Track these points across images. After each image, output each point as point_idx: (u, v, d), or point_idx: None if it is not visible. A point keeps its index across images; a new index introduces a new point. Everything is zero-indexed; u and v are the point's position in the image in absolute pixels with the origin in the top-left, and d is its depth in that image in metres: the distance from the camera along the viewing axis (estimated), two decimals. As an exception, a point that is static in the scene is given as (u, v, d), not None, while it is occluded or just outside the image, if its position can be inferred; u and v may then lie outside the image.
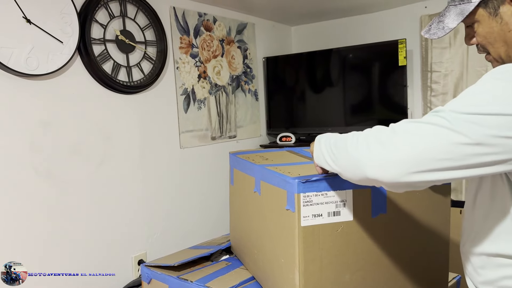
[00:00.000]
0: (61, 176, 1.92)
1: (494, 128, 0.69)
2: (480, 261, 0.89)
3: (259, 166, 1.39)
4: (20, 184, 1.78)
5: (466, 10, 0.86)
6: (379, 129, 0.83)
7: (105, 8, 2.06)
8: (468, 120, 0.70)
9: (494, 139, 0.69)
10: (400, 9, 2.98)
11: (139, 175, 2.26)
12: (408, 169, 0.74)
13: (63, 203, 1.92)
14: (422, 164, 0.73)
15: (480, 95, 0.73)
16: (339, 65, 3.01)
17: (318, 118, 3.08)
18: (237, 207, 1.63)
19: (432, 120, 0.75)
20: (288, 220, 1.17)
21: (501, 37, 0.85)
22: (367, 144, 0.81)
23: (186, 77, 2.52)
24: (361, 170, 0.81)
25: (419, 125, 0.76)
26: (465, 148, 0.71)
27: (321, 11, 3.04)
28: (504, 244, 0.83)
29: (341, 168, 0.91)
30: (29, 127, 1.81)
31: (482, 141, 0.70)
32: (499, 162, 0.71)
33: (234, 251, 1.72)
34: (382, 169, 0.77)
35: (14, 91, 1.75)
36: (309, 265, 1.14)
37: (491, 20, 0.85)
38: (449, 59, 2.78)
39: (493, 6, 0.83)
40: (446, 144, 0.72)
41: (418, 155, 0.73)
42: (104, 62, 2.05)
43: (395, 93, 2.79)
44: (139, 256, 2.24)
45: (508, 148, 0.70)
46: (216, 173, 2.69)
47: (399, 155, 0.75)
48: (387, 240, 1.23)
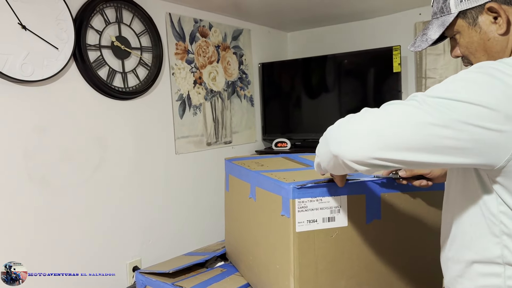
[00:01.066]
0: (56, 182, 1.91)
1: (463, 115, 0.69)
2: (457, 270, 0.86)
3: (254, 172, 1.39)
4: (14, 190, 1.77)
5: (446, 21, 0.87)
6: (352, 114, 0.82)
7: (100, 14, 2.06)
8: (438, 103, 0.70)
9: (461, 125, 0.69)
10: (394, 16, 3.00)
11: (134, 181, 2.26)
12: (371, 144, 0.72)
13: (57, 209, 1.91)
14: (389, 141, 0.72)
15: (453, 83, 0.73)
16: (335, 71, 3.02)
17: (314, 123, 3.09)
18: (233, 213, 1.63)
19: (402, 102, 0.75)
20: (283, 226, 1.17)
21: (481, 47, 0.85)
22: (338, 125, 0.82)
23: (182, 83, 2.52)
24: (328, 148, 0.81)
25: (389, 105, 0.76)
26: (431, 128, 0.70)
27: (316, 17, 3.06)
28: (479, 249, 0.81)
29: (319, 155, 0.91)
30: (23, 133, 1.80)
31: (449, 124, 0.69)
32: (465, 150, 0.70)
33: (229, 257, 1.72)
34: (345, 144, 0.76)
35: (9, 97, 1.75)
36: (304, 271, 1.14)
37: (471, 30, 0.86)
38: (443, 66, 2.80)
39: (471, 16, 0.85)
40: (412, 122, 0.71)
41: (382, 130, 0.72)
42: (99, 68, 2.05)
43: (390, 99, 2.74)
44: (134, 263, 2.23)
45: (475, 136, 0.69)
46: (212, 179, 2.68)
47: (362, 129, 0.74)
48: (382, 246, 1.23)
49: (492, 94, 0.69)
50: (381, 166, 0.75)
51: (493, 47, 0.84)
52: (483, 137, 0.69)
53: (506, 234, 0.77)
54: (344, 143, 0.76)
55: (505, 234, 0.77)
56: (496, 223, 0.78)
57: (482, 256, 0.81)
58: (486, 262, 0.80)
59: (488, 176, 0.77)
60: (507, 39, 0.82)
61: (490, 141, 0.69)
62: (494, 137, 0.69)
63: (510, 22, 0.81)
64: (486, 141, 0.69)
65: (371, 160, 0.73)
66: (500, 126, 0.68)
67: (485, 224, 0.80)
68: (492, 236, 0.79)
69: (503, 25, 0.81)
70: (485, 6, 0.82)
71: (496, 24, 0.82)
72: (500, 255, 0.78)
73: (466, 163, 0.73)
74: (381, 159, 0.73)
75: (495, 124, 0.68)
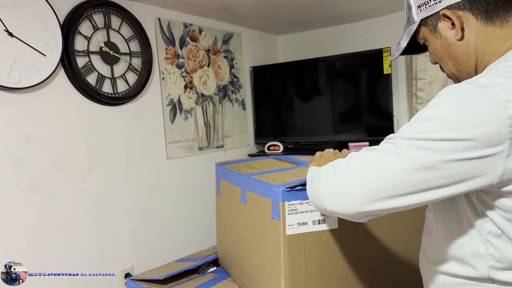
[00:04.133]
0: (45, 189, 1.89)
1: (444, 153, 0.69)
2: (442, 278, 0.85)
3: (244, 175, 1.38)
4: (3, 198, 1.74)
5: (412, 30, 0.89)
6: (339, 160, 0.84)
7: (88, 20, 2.05)
8: (417, 146, 0.71)
9: (445, 164, 0.69)
10: (384, 18, 3.02)
11: (125, 187, 2.24)
12: (363, 199, 0.75)
13: (47, 216, 1.89)
14: (376, 193, 0.74)
15: (428, 121, 0.73)
16: (326, 74, 3.02)
17: (306, 126, 3.08)
18: (224, 218, 1.62)
19: (383, 148, 0.76)
20: (273, 229, 1.16)
21: (445, 52, 0.86)
22: (326, 177, 0.83)
23: (172, 88, 2.51)
24: (322, 202, 0.83)
25: (372, 153, 0.77)
26: (416, 173, 0.71)
27: (307, 20, 3.06)
28: (469, 266, 0.79)
29: (312, 202, 0.92)
30: (12, 140, 1.78)
31: (433, 166, 0.70)
32: (452, 183, 0.71)
33: (221, 262, 1.71)
34: (338, 201, 0.78)
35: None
36: (294, 273, 1.13)
37: (433, 36, 0.87)
38: (434, 67, 2.80)
39: (432, 23, 0.86)
40: (397, 171, 0.72)
41: (371, 183, 0.74)
42: (88, 74, 2.04)
43: (381, 101, 2.81)
44: (126, 270, 2.21)
45: (459, 170, 0.70)
46: (204, 183, 2.67)
47: (352, 186, 0.76)
48: (373, 248, 1.22)
49: (466, 123, 0.69)
50: (380, 214, 0.78)
51: (455, 53, 0.84)
52: (469, 167, 0.70)
53: (491, 255, 0.77)
54: (338, 199, 0.78)
55: (490, 255, 0.77)
56: (484, 243, 0.77)
57: (476, 274, 0.80)
58: (472, 279, 0.80)
59: (478, 199, 0.77)
60: (466, 44, 0.82)
61: (477, 168, 0.70)
62: (481, 163, 0.69)
63: (463, 28, 0.81)
64: (473, 169, 0.70)
65: (368, 212, 0.76)
66: (482, 152, 0.68)
67: (472, 243, 0.79)
68: (479, 256, 0.78)
69: (458, 31, 0.82)
70: (439, 13, 0.83)
71: (454, 30, 0.83)
72: (487, 276, 0.78)
73: (456, 192, 0.73)
74: (374, 211, 0.76)
75: (477, 152, 0.69)
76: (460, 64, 0.85)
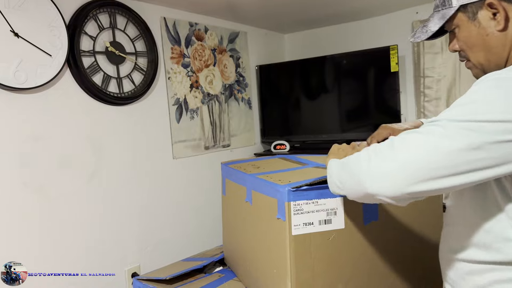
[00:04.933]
0: (52, 189, 1.89)
1: (491, 134, 0.70)
2: (467, 267, 0.87)
3: (250, 175, 1.37)
4: (9, 199, 1.75)
5: (447, 14, 0.89)
6: (380, 144, 0.83)
7: (94, 20, 2.05)
8: (464, 127, 0.72)
9: (490, 145, 0.70)
10: (392, 15, 2.99)
11: (132, 186, 2.24)
12: (409, 180, 0.74)
13: (54, 216, 1.90)
14: (421, 173, 0.73)
15: (473, 103, 0.74)
16: (333, 72, 3.00)
17: (313, 125, 3.07)
18: (230, 218, 1.61)
19: (428, 130, 0.76)
20: (279, 229, 1.15)
21: (479, 42, 0.86)
22: (367, 160, 0.82)
23: (178, 87, 2.51)
24: (362, 186, 0.82)
25: (416, 135, 0.77)
26: (462, 154, 0.71)
27: (313, 18, 3.04)
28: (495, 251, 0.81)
29: (346, 189, 0.90)
30: (18, 141, 1.79)
31: (478, 146, 0.70)
32: (495, 165, 0.72)
33: (227, 262, 1.70)
34: (381, 182, 0.77)
35: (2, 105, 1.73)
36: (301, 274, 1.12)
37: (470, 24, 0.87)
38: (442, 64, 2.78)
39: (471, 10, 0.86)
40: (443, 151, 0.72)
41: (416, 164, 0.74)
42: (94, 74, 2.04)
43: (389, 98, 2.79)
44: (133, 269, 2.21)
45: (502, 151, 0.71)
46: (210, 183, 2.66)
47: (397, 166, 0.76)
48: (380, 248, 1.21)
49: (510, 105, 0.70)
50: (422, 196, 0.78)
51: (491, 43, 0.85)
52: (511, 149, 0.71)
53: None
54: (380, 181, 0.77)
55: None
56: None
57: (497, 258, 0.81)
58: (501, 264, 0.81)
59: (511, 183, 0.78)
60: (505, 35, 0.83)
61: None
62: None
63: (508, 19, 0.82)
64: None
65: (410, 194, 0.75)
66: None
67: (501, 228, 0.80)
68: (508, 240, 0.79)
69: (501, 21, 0.82)
70: (485, 1, 0.83)
71: (495, 21, 0.83)
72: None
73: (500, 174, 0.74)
74: (419, 192, 0.75)
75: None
76: (492, 55, 0.85)
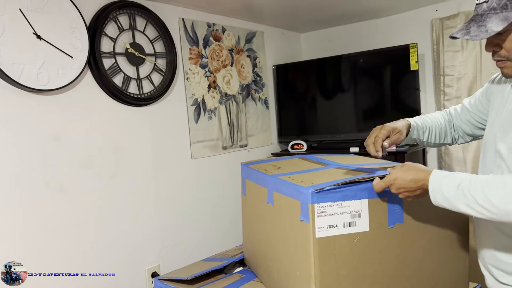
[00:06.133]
0: (73, 189, 1.91)
1: None
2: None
3: (271, 176, 1.36)
4: (32, 198, 1.78)
5: (510, 18, 0.89)
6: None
7: (114, 21, 2.07)
8: None
9: None
10: (410, 13, 2.95)
11: (151, 186, 2.25)
12: None
13: (75, 216, 1.92)
14: None
15: None
16: (350, 71, 2.98)
17: (330, 125, 3.05)
18: (250, 218, 1.61)
19: None
20: (302, 232, 1.14)
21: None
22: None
23: (196, 88, 2.52)
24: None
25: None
26: None
27: (330, 17, 3.02)
28: None
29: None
30: (40, 141, 1.81)
31: None
32: None
33: (248, 263, 1.69)
34: None
35: (25, 107, 1.76)
36: (325, 277, 1.11)
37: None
38: (462, 62, 2.73)
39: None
40: None
41: None
42: (114, 75, 2.06)
43: (408, 97, 2.75)
44: (153, 269, 2.22)
45: None
46: (228, 183, 2.67)
47: None
48: (405, 250, 1.19)
49: None
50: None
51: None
52: None
53: None
54: None
55: None
56: None
57: None
58: None
59: None
60: None
61: None
62: None
63: None
64: None
65: None
66: None
67: None
68: None
69: None
70: None
71: None
72: None
73: None
74: None
75: None
76: None
